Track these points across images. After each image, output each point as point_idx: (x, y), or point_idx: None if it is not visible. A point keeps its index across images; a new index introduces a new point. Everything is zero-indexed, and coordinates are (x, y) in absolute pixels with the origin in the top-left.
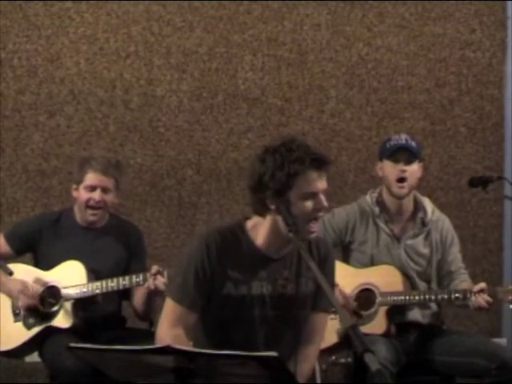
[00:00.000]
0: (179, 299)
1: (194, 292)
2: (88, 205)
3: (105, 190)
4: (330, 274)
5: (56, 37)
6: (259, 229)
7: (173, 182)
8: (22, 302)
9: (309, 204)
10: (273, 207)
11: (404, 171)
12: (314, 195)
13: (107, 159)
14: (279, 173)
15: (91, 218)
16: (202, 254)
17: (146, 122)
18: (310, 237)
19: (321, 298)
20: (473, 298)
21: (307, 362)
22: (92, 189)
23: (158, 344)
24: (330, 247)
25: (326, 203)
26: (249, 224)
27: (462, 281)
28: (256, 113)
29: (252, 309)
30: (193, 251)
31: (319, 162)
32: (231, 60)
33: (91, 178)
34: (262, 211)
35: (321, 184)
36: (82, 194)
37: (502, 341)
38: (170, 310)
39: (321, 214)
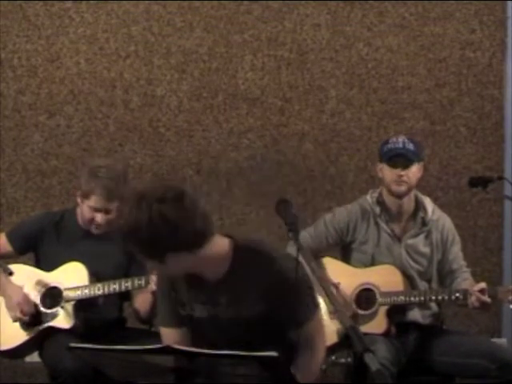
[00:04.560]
0: (160, 323)
1: (163, 311)
2: (92, 223)
3: (108, 212)
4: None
5: (56, 37)
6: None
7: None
8: (14, 314)
9: None
10: None
11: (401, 176)
12: None
13: (113, 180)
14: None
15: (95, 232)
16: (160, 276)
17: (146, 122)
18: None
19: (291, 317)
20: (472, 298)
21: (308, 372)
22: (96, 210)
23: None
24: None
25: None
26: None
27: (464, 279)
28: (256, 113)
29: (202, 331)
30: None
31: None
32: (231, 60)
33: (96, 201)
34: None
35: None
36: (85, 210)
37: (502, 341)
38: (162, 336)
39: None
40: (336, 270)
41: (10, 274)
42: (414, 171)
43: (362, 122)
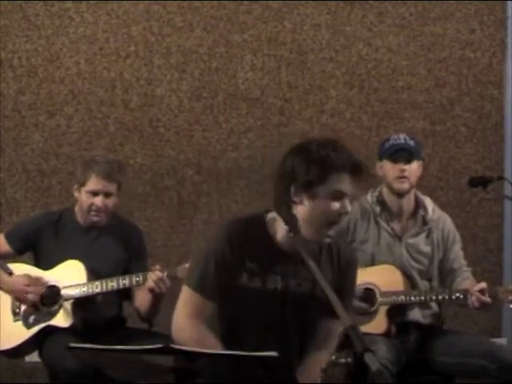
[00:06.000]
0: (198, 288)
1: (213, 281)
2: (91, 209)
3: (107, 195)
4: (349, 282)
5: (56, 37)
6: (279, 222)
7: (173, 182)
8: (31, 296)
9: (335, 205)
10: (297, 199)
11: (403, 170)
12: (341, 197)
13: (110, 164)
14: (316, 166)
15: (94, 219)
16: (223, 242)
17: (146, 122)
18: (325, 241)
19: None
20: (472, 297)
21: (317, 368)
22: (94, 194)
23: (177, 335)
24: (354, 256)
25: (349, 209)
26: (269, 216)
27: (465, 278)
28: (256, 113)
29: (263, 303)
30: (214, 240)
31: (358, 169)
32: (231, 60)
33: (94, 182)
34: (283, 204)
35: (351, 189)
36: (84, 198)
37: (502, 341)
38: (187, 299)
39: (341, 219)
40: None
41: (10, 274)
42: (415, 168)
43: (362, 122)
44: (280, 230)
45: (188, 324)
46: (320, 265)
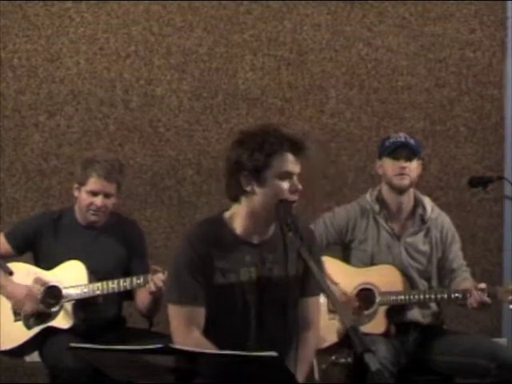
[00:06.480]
0: (180, 300)
1: (191, 286)
2: (90, 208)
3: (107, 195)
4: (317, 262)
5: (56, 37)
6: (236, 217)
7: (173, 182)
8: (28, 306)
9: (285, 184)
10: (248, 189)
11: (404, 168)
12: (289, 176)
13: (110, 163)
14: (258, 152)
15: (92, 218)
16: (189, 249)
17: (146, 122)
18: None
19: (309, 284)
20: (471, 298)
21: (307, 347)
22: (94, 194)
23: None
24: (314, 236)
25: (300, 186)
26: (226, 214)
27: (464, 279)
28: (256, 113)
29: (244, 295)
30: (180, 251)
31: (296, 146)
32: (231, 60)
33: (94, 182)
34: (236, 195)
35: (296, 167)
36: (83, 197)
37: (502, 341)
38: (173, 314)
39: (295, 197)
40: (335, 269)
41: (10, 273)
42: (415, 166)
43: (362, 122)
44: (238, 222)
45: (181, 335)
46: (287, 255)
